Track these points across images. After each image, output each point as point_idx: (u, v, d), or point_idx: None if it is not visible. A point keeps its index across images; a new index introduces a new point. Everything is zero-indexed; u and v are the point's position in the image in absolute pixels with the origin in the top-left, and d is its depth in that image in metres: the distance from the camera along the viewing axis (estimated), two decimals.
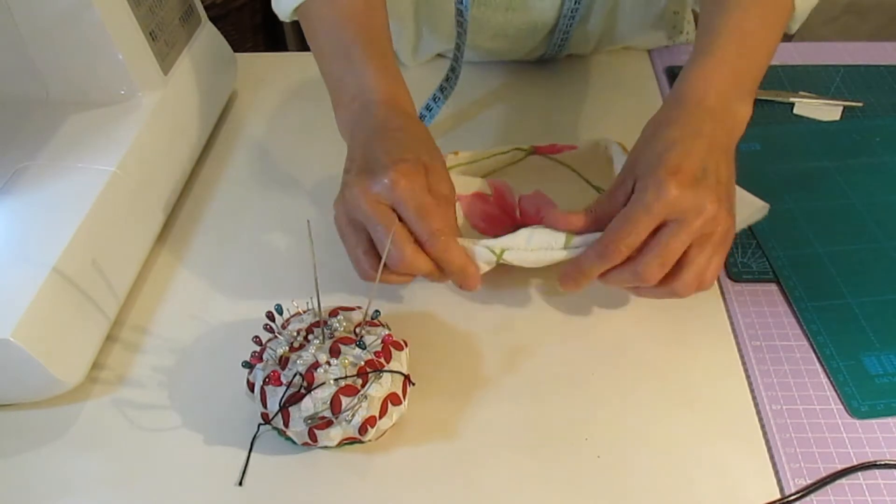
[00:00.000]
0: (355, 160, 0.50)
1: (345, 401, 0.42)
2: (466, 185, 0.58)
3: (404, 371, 0.45)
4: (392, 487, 0.44)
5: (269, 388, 0.43)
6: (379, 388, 0.43)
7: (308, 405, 0.42)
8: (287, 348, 0.44)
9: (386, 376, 0.43)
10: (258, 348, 0.45)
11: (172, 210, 0.63)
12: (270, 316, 0.46)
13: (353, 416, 0.42)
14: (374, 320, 0.47)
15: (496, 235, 0.50)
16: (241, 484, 0.44)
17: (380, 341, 0.45)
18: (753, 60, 0.52)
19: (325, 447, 0.44)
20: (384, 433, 0.45)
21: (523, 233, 0.50)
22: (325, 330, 0.45)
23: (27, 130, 0.58)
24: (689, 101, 0.50)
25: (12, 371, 0.45)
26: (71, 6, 0.55)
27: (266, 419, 0.43)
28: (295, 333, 0.45)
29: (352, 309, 0.48)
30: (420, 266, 0.48)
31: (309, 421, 0.42)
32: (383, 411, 0.43)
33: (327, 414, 0.42)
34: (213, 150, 0.70)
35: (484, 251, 0.49)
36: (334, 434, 0.42)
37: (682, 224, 0.44)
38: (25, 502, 0.44)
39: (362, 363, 0.43)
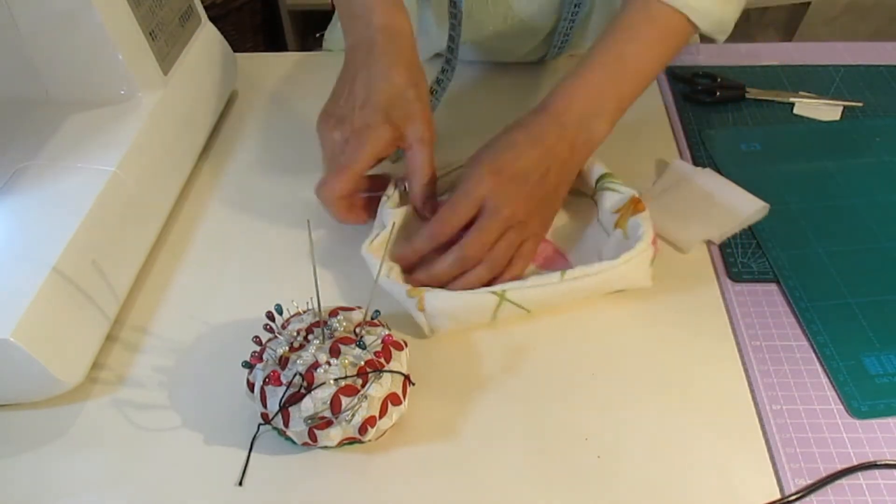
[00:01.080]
0: (342, 94, 0.56)
1: (345, 401, 0.42)
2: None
3: (404, 371, 0.45)
4: (392, 487, 0.44)
5: (269, 389, 0.43)
6: (379, 388, 0.43)
7: (308, 405, 0.42)
8: (287, 348, 0.44)
9: (386, 376, 0.43)
10: (258, 348, 0.45)
11: (172, 210, 0.63)
12: (270, 316, 0.46)
13: (353, 416, 0.42)
14: (374, 320, 0.47)
15: None
16: (240, 484, 0.45)
17: (380, 341, 0.45)
18: (622, 84, 0.56)
19: (325, 447, 0.44)
20: (384, 433, 0.45)
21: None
22: (325, 330, 0.45)
23: (27, 130, 0.58)
24: (547, 112, 0.56)
25: (12, 371, 0.45)
26: (71, 6, 0.55)
27: (266, 419, 0.43)
28: (295, 333, 0.45)
29: (352, 309, 0.48)
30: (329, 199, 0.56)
31: (309, 421, 0.42)
32: (383, 411, 0.43)
33: (327, 414, 0.42)
34: (213, 150, 0.70)
35: (487, 296, 0.50)
36: (334, 434, 0.42)
37: (493, 211, 0.52)
38: (25, 502, 0.44)
39: (362, 363, 0.43)
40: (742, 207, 0.60)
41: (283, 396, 0.42)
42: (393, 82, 0.54)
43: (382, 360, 0.44)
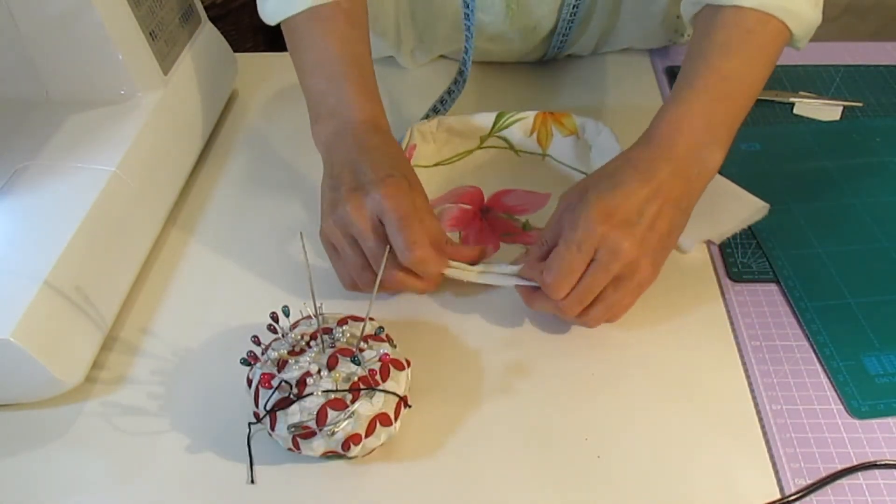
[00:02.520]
0: (343, 179, 0.51)
1: (331, 414, 0.41)
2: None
3: (400, 393, 0.44)
4: (392, 488, 0.44)
5: (262, 390, 0.43)
6: (369, 407, 0.42)
7: (294, 412, 0.42)
8: (287, 351, 0.44)
9: (378, 395, 0.42)
10: (257, 347, 0.45)
11: (172, 210, 0.63)
12: (275, 317, 0.46)
13: (337, 430, 0.41)
14: (378, 335, 0.46)
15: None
16: (252, 482, 0.44)
17: (377, 359, 0.44)
18: (731, 105, 0.51)
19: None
20: (371, 451, 0.45)
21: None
22: (328, 339, 0.44)
23: (27, 130, 0.58)
24: (654, 145, 0.50)
25: (12, 371, 0.45)
26: (71, 6, 0.55)
27: (257, 418, 0.43)
28: (299, 337, 0.45)
29: (360, 320, 0.47)
30: (404, 281, 0.51)
31: (292, 429, 0.41)
32: (370, 430, 0.42)
33: (312, 424, 0.41)
34: (213, 150, 0.70)
35: (458, 272, 0.51)
36: (316, 446, 0.42)
37: (601, 265, 0.47)
38: (25, 502, 0.44)
39: (355, 379, 0.42)
40: (742, 207, 0.60)
41: (268, 400, 0.42)
42: (391, 153, 0.53)
43: (379, 377, 0.43)
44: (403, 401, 0.44)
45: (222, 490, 0.44)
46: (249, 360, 0.44)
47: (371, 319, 0.47)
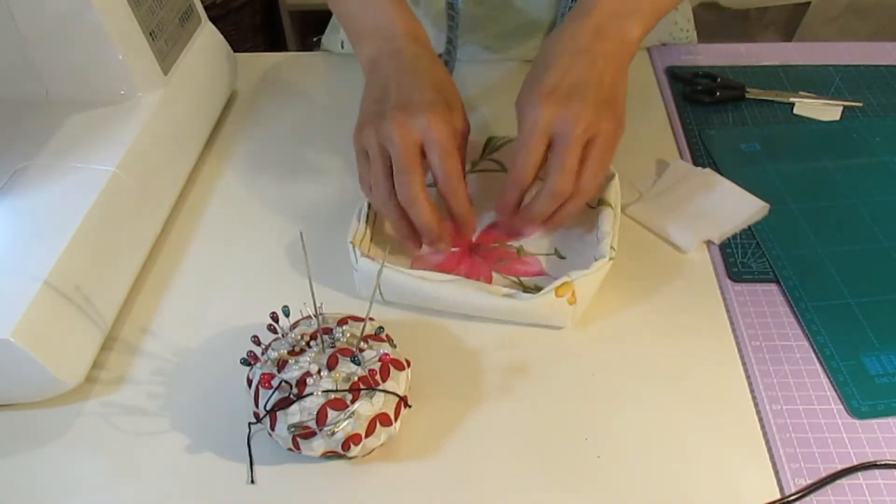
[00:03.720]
0: (389, 93, 0.52)
1: (331, 414, 0.41)
2: None
3: (400, 393, 0.44)
4: (392, 488, 0.44)
5: (262, 390, 0.43)
6: (369, 407, 0.42)
7: (294, 412, 0.42)
8: (287, 351, 0.44)
9: (378, 395, 0.42)
10: (257, 347, 0.45)
11: (172, 210, 0.63)
12: (275, 317, 0.46)
13: (337, 430, 0.41)
14: (378, 335, 0.46)
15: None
16: (252, 482, 0.44)
17: (377, 359, 0.43)
18: None
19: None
20: (371, 451, 0.45)
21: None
22: (328, 339, 0.44)
23: (27, 130, 0.58)
24: (577, 18, 0.54)
25: (12, 371, 0.45)
26: (71, 6, 0.55)
27: (257, 418, 0.43)
28: (299, 337, 0.45)
29: (360, 320, 0.47)
30: (424, 212, 0.51)
31: (292, 429, 0.41)
32: (370, 430, 0.42)
33: (312, 424, 0.41)
34: (213, 150, 0.70)
35: (431, 295, 0.52)
36: (316, 445, 0.42)
37: (566, 136, 0.49)
38: (25, 502, 0.44)
39: (356, 379, 0.42)
40: (742, 207, 0.60)
41: (268, 400, 0.42)
42: (438, 75, 0.54)
43: (379, 377, 0.43)
44: (403, 401, 0.44)
45: (222, 490, 0.44)
46: (249, 360, 0.44)
47: (371, 319, 0.47)
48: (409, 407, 0.45)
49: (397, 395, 0.44)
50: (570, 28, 0.53)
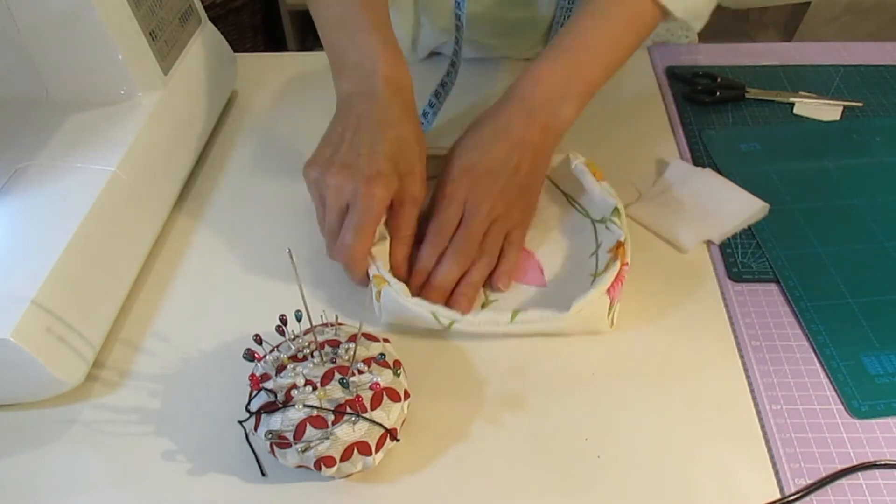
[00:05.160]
0: (343, 142, 0.53)
1: (309, 430, 0.40)
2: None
3: (388, 425, 0.42)
4: (393, 489, 0.44)
5: (253, 390, 0.43)
6: (350, 432, 0.41)
7: (276, 420, 0.41)
8: (289, 356, 0.44)
9: (362, 422, 0.41)
10: (258, 346, 0.45)
11: (172, 210, 0.63)
12: (283, 319, 0.45)
13: (310, 448, 0.40)
14: (381, 360, 0.44)
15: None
16: (264, 475, 0.45)
17: (368, 386, 0.42)
18: (590, 67, 0.56)
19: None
20: (349, 476, 0.44)
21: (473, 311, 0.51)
22: (330, 352, 0.44)
23: (27, 130, 0.58)
24: (513, 98, 0.56)
25: (12, 371, 0.45)
26: (71, 6, 0.55)
27: (249, 413, 0.43)
28: (306, 344, 0.44)
29: (375, 340, 0.46)
30: (347, 266, 0.53)
31: (269, 435, 0.41)
32: (346, 455, 0.41)
33: (289, 436, 0.41)
34: (212, 150, 0.70)
35: (431, 318, 0.50)
36: (290, 458, 0.41)
37: (474, 210, 0.53)
38: (25, 502, 0.44)
39: (342, 402, 0.41)
40: (742, 207, 0.60)
41: (250, 400, 0.42)
42: (401, 134, 0.53)
43: (368, 405, 0.42)
44: (390, 433, 0.43)
45: (222, 490, 0.44)
46: (251, 356, 0.44)
47: (386, 341, 0.46)
48: (397, 441, 0.43)
49: (383, 427, 0.42)
50: (506, 110, 0.56)
